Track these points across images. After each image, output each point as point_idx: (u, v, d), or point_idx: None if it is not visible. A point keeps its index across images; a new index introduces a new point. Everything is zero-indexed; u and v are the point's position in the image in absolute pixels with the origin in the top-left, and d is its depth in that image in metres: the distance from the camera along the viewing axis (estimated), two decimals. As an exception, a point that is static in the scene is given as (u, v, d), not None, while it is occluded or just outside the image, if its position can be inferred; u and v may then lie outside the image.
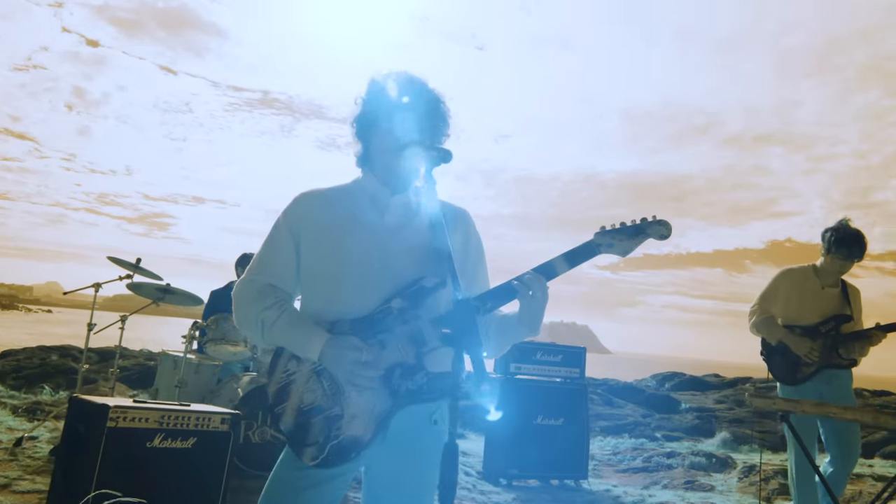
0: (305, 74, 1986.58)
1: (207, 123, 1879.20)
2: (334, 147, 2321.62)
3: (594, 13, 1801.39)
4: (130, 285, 5.30)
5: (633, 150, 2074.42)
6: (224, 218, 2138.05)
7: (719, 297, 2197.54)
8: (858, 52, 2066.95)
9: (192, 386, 5.31)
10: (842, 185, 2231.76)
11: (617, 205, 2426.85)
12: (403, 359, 1.75)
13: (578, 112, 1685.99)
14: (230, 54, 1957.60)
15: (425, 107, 1.89)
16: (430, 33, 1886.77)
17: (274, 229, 1.92)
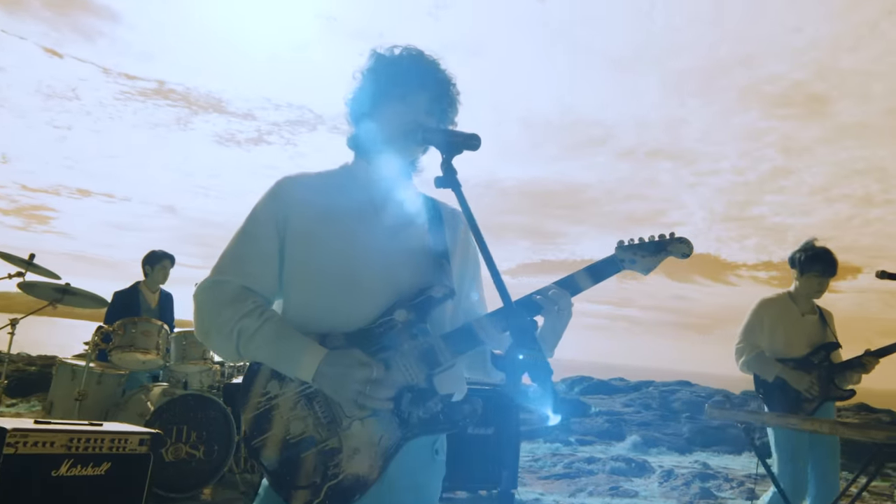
0: (205, 66, 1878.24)
1: (96, 112, 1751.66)
2: (234, 143, 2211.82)
3: (499, 22, 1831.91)
4: (22, 284, 4.65)
5: (533, 157, 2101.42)
6: (113, 213, 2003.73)
7: (613, 301, 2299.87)
8: (740, 76, 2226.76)
9: (94, 399, 4.72)
10: (723, 198, 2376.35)
11: (517, 211, 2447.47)
12: (413, 381, 1.47)
13: (482, 118, 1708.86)
14: (123, 40, 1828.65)
15: (437, 88, 1.62)
16: (337, 33, 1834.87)
17: (251, 220, 1.59)
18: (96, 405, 4.77)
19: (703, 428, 11.83)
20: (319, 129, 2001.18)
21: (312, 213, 1.57)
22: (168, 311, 5.92)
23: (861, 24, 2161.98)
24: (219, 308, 1.49)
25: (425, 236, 1.66)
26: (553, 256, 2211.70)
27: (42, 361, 13.39)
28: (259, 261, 1.55)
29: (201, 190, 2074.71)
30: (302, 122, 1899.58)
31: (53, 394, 4.86)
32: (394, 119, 1.60)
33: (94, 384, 4.77)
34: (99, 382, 4.80)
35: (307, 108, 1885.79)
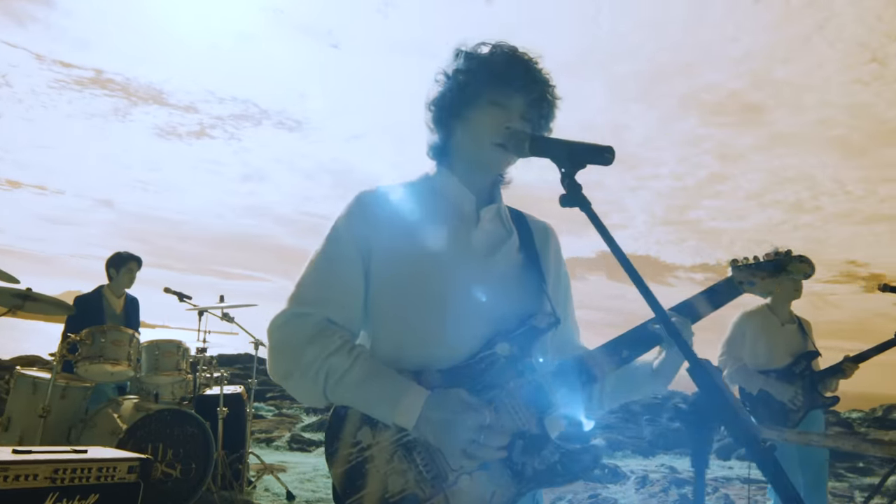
0: (145, 55, 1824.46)
1: (28, 100, 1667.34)
2: (175, 136, 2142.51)
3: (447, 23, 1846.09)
4: None
5: None
6: (45, 205, 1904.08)
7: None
8: (680, 84, 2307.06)
9: (58, 415, 4.34)
10: (662, 202, 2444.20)
11: None
12: (524, 426, 1.29)
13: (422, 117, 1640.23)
14: (58, 25, 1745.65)
15: (535, 90, 1.44)
16: (283, 25, 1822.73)
17: (331, 242, 1.37)
18: (60, 422, 4.39)
19: (664, 431, 11.98)
20: (265, 124, 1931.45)
21: (399, 232, 1.37)
22: (134, 316, 5.54)
23: (795, 37, 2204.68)
24: (302, 346, 1.27)
25: (519, 256, 1.48)
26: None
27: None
28: (343, 288, 1.33)
29: (140, 184, 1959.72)
30: (246, 117, 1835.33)
31: (12, 409, 4.44)
32: (487, 125, 1.41)
33: (58, 398, 4.38)
34: (63, 397, 4.42)
35: (252, 103, 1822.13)
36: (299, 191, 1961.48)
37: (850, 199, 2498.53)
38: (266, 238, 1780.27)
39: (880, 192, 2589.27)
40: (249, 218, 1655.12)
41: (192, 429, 4.42)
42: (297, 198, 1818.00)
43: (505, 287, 1.41)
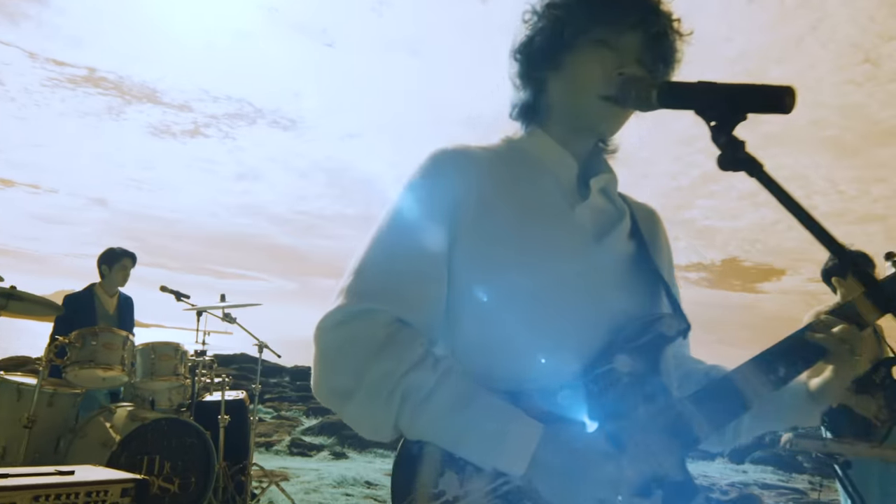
0: (139, 54, 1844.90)
1: (21, 98, 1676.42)
2: (169, 135, 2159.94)
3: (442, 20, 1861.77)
4: None
5: None
6: (38, 204, 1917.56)
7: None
8: None
9: (45, 424, 3.98)
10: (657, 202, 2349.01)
11: None
12: (663, 469, 0.95)
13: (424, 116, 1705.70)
14: (51, 23, 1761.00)
15: (654, 24, 1.09)
16: (278, 23, 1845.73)
17: (403, 216, 1.02)
18: (47, 432, 4.03)
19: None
20: (259, 123, 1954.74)
21: (493, 205, 1.02)
22: (128, 317, 5.18)
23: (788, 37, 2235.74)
24: (369, 356, 0.91)
25: (631, 244, 1.14)
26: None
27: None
28: (420, 278, 0.98)
29: (133, 182, 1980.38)
30: (241, 116, 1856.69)
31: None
32: (594, 73, 1.06)
33: (45, 406, 4.03)
34: (50, 404, 4.06)
35: (246, 101, 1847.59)
36: (294, 190, 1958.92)
37: (843, 198, 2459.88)
38: (261, 237, 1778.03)
39: (873, 193, 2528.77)
40: (244, 217, 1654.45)
41: (192, 439, 4.07)
42: (292, 197, 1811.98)
43: (620, 282, 1.07)
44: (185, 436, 4.04)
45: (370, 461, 9.27)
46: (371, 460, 9.36)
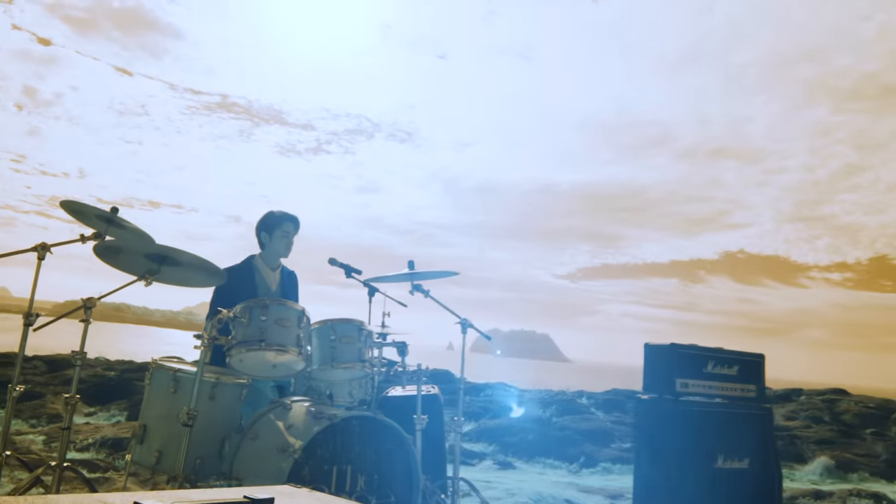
0: (265, 78, 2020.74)
1: (164, 126, 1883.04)
2: (294, 153, 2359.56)
3: (552, 26, 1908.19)
4: (101, 247, 3.06)
5: (589, 161, 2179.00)
6: (181, 223, 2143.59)
7: (675, 306, 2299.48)
8: (806, 70, 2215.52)
9: (206, 421, 3.08)
10: (791, 197, 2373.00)
11: (574, 215, 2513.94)
12: None
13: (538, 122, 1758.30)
14: (187, 56, 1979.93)
15: None
16: (393, 40, 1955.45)
17: None
18: (209, 431, 3.13)
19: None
20: (377, 137, 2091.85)
21: None
22: (292, 295, 4.28)
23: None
24: None
25: None
26: (614, 260, 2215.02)
27: (121, 366, 12.25)
28: None
29: (264, 199, 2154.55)
30: (360, 131, 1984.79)
31: (147, 413, 3.24)
32: None
33: (206, 399, 3.14)
34: (212, 397, 3.16)
35: (364, 117, 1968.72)
36: (411, 200, 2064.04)
37: None
38: (381, 248, 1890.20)
39: None
40: (365, 228, 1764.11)
41: (390, 445, 3.03)
42: (410, 207, 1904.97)
43: None
44: (382, 441, 3.00)
45: (542, 472, 8.05)
46: (542, 471, 8.15)
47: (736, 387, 4.46)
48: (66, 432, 2.98)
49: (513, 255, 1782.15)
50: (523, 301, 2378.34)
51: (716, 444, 4.22)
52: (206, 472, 3.14)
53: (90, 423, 7.85)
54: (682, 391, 4.20)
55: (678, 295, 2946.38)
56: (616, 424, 10.26)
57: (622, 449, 9.22)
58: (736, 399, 4.44)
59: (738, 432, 4.33)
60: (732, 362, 4.46)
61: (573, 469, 8.29)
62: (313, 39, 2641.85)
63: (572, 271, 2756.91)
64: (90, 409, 9.50)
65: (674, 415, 4.13)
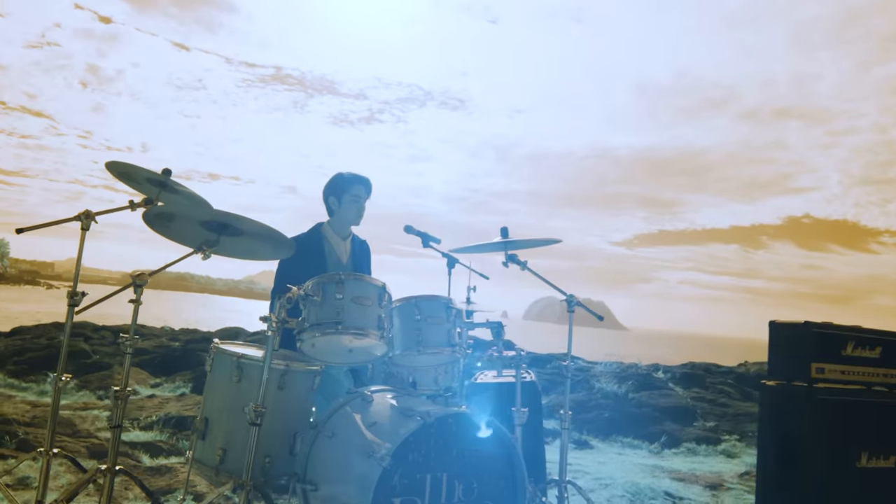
0: (317, 50, 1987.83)
1: (221, 100, 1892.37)
2: (347, 123, 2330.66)
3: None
4: (151, 214, 2.64)
5: (647, 124, 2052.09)
6: (239, 195, 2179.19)
7: (736, 273, 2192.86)
8: (879, 24, 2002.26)
9: (274, 414, 2.66)
10: (861, 159, 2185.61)
11: (631, 181, 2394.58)
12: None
13: (592, 86, 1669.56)
14: (242, 29, 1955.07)
15: None
16: (443, 7, 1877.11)
17: None
18: (277, 426, 2.71)
19: None
20: (429, 106, 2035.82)
21: None
22: (364, 268, 3.83)
23: None
24: None
25: None
26: (671, 226, 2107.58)
27: (186, 336, 12.23)
28: None
29: (319, 169, 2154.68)
30: (411, 100, 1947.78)
31: (209, 405, 2.83)
32: None
33: (274, 390, 2.71)
34: (280, 387, 2.73)
35: (416, 85, 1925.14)
36: (464, 168, 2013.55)
37: None
38: (434, 216, 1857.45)
39: None
40: (417, 197, 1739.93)
41: (491, 447, 2.54)
42: (462, 175, 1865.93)
43: None
44: (482, 441, 2.51)
45: (621, 453, 7.51)
46: (621, 451, 7.61)
47: (879, 372, 3.80)
48: (117, 431, 2.59)
49: (568, 223, 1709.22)
50: (579, 269, 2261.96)
51: (858, 439, 3.60)
52: (277, 473, 2.72)
53: (156, 397, 7.69)
54: (817, 377, 3.58)
55: (739, 261, 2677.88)
56: (697, 401, 9.61)
57: (706, 428, 8.59)
58: (880, 386, 3.79)
59: (884, 426, 3.69)
60: (875, 343, 3.80)
61: (654, 449, 7.73)
62: (364, 9, 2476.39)
63: (628, 238, 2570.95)
64: (155, 381, 9.42)
65: (808, 405, 3.52)
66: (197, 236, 2.64)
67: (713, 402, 9.67)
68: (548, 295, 2.91)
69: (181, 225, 2.64)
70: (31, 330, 12.09)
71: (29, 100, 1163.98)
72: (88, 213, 2.64)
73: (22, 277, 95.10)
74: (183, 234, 2.66)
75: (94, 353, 10.97)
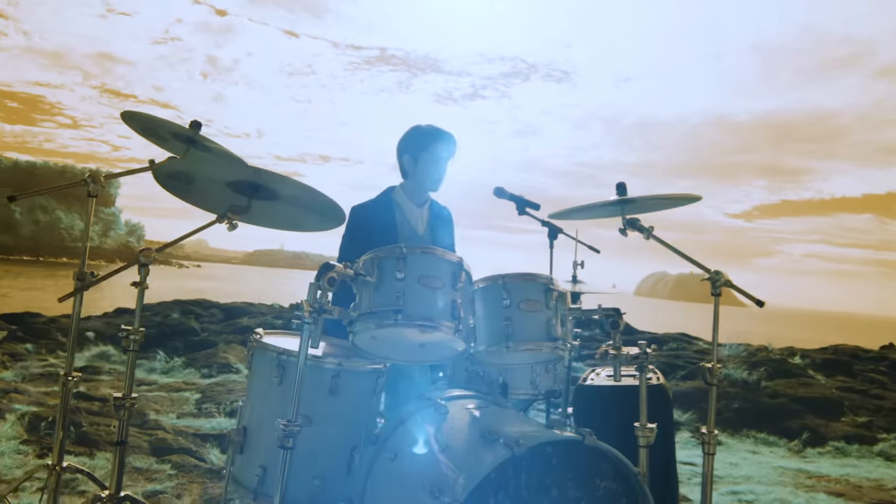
0: (420, 30, 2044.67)
1: (329, 84, 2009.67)
2: (451, 100, 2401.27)
3: None
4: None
5: (765, 87, 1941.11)
6: (348, 175, 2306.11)
7: (869, 245, 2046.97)
8: None
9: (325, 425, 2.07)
10: None
11: (750, 149, 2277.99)
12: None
13: (702, 50, 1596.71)
14: (347, 14, 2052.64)
15: None
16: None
17: None
18: (330, 439, 2.13)
19: None
20: (533, 79, 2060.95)
21: None
22: (445, 241, 3.17)
23: None
24: None
25: None
26: (795, 196, 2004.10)
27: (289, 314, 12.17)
28: None
29: None
30: (515, 74, 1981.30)
31: (248, 412, 2.28)
32: None
33: (325, 395, 2.11)
34: (332, 391, 2.13)
35: (519, 59, 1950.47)
36: (570, 141, 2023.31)
37: None
38: (541, 191, 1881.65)
39: None
40: (523, 173, 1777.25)
41: (606, 481, 1.82)
42: (568, 148, 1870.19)
43: None
44: (593, 475, 1.80)
45: (755, 450, 6.51)
46: (755, 449, 6.61)
47: None
48: (121, 449, 2.08)
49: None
50: (693, 242, 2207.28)
51: None
52: (329, 498, 2.14)
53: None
54: None
55: (873, 232, 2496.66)
56: (844, 391, 8.33)
57: (857, 424, 7.39)
58: None
59: None
60: None
61: (795, 447, 6.68)
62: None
63: (747, 209, 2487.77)
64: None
65: None
66: (223, 201, 2.07)
67: (864, 393, 8.35)
68: (660, 270, 2.05)
69: (204, 187, 2.08)
70: (150, 308, 12.44)
71: (157, 92, 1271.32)
72: (95, 176, 2.13)
73: (156, 258, 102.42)
74: (207, 199, 2.10)
75: (203, 330, 11.09)
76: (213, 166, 2.08)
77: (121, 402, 2.06)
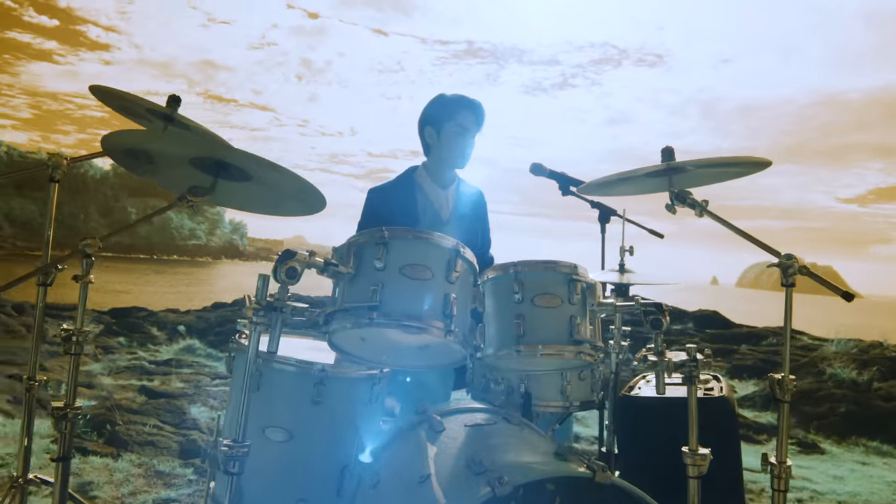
0: (506, 21, 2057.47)
1: (418, 80, 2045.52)
2: (540, 90, 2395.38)
3: None
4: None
5: (881, 60, 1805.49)
6: None
7: None
8: None
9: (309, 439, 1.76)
10: None
11: (864, 128, 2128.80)
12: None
13: (808, 24, 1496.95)
14: (434, 9, 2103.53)
15: None
16: None
17: None
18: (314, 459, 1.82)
19: None
20: (624, 65, 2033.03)
21: None
22: (474, 227, 2.79)
23: None
24: None
25: None
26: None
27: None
28: None
29: (513, 140, 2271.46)
30: (606, 60, 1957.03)
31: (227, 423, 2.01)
32: None
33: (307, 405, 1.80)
34: (316, 401, 1.81)
35: (609, 45, 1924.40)
36: (665, 127, 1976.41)
37: None
38: None
39: None
40: (612, 163, 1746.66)
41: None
42: (664, 135, 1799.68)
43: None
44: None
45: (864, 461, 5.73)
46: (865, 459, 5.83)
47: None
48: (64, 465, 1.84)
49: (787, 180, 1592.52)
50: (800, 230, 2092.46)
51: None
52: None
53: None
54: None
55: None
56: (974, 395, 7.27)
57: (985, 433, 6.40)
58: None
59: None
60: None
61: (913, 459, 5.86)
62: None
63: (861, 193, 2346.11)
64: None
65: None
66: (184, 179, 1.79)
67: None
68: (764, 258, 1.62)
69: (166, 166, 1.81)
70: (235, 303, 12.76)
71: (255, 96, 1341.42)
72: (57, 161, 1.91)
73: (258, 254, 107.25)
74: (171, 179, 1.84)
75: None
76: (174, 143, 1.81)
77: (61, 412, 1.83)
